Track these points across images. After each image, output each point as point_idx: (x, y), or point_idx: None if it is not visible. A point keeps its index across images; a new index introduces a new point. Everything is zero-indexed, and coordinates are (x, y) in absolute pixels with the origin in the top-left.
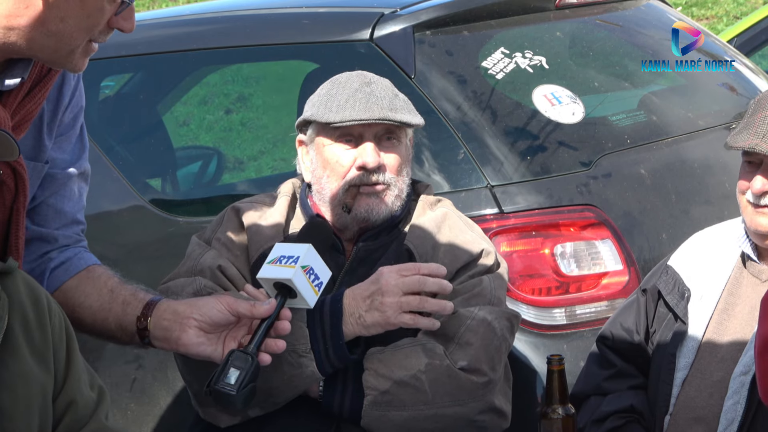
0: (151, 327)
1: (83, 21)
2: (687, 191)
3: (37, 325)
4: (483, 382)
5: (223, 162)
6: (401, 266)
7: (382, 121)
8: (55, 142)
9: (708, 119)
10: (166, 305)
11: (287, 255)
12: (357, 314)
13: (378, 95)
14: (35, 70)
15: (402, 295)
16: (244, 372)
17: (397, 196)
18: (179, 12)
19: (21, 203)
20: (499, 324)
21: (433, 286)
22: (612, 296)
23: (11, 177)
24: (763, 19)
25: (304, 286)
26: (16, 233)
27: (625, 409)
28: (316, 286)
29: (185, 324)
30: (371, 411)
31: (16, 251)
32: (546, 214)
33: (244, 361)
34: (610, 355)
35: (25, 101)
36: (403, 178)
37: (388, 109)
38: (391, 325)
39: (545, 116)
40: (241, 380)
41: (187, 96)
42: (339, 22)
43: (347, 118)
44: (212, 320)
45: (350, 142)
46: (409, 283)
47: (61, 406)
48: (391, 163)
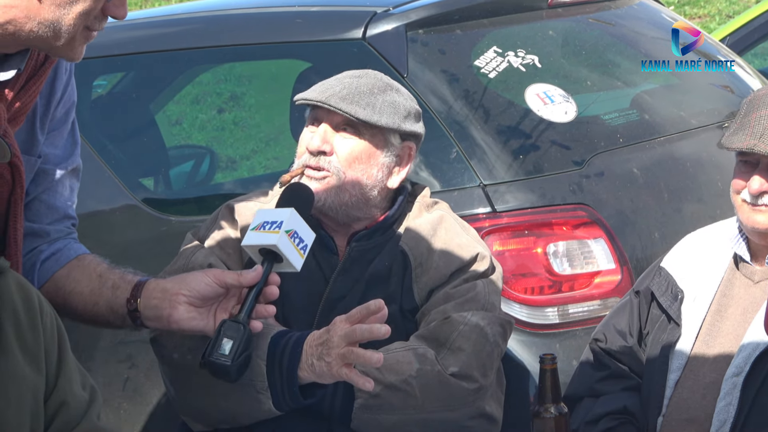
0: (141, 308)
1: (78, 6)
2: (679, 190)
3: (29, 325)
4: (474, 388)
5: (215, 161)
6: (351, 313)
7: (322, 104)
8: (48, 137)
9: (700, 118)
10: (154, 284)
11: (270, 220)
12: (310, 361)
13: (346, 84)
14: (30, 63)
15: (345, 347)
16: (237, 341)
17: (340, 187)
18: (171, 11)
19: (18, 196)
20: (491, 330)
21: (378, 332)
22: (605, 295)
23: (8, 170)
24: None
25: (289, 250)
26: (14, 226)
27: (618, 410)
28: (302, 249)
29: (174, 301)
30: (361, 414)
31: (14, 244)
32: (538, 213)
33: (236, 330)
34: (604, 356)
35: (21, 94)
36: (355, 172)
37: (340, 98)
38: (336, 377)
39: (538, 115)
40: (235, 350)
41: (179, 95)
42: (331, 21)
43: (301, 97)
44: (201, 294)
45: (315, 126)
46: (358, 332)
47: (52, 407)
48: (342, 152)
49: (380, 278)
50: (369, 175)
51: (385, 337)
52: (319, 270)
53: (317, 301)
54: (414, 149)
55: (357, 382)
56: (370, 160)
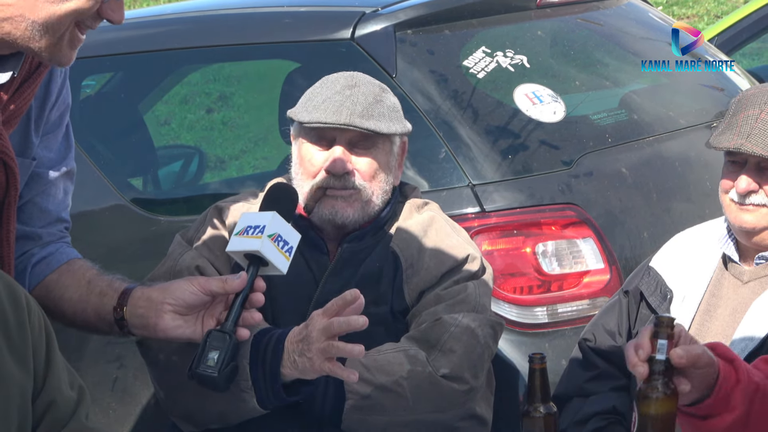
0: (128, 316)
1: (72, 3)
2: (668, 189)
3: (16, 325)
4: (464, 390)
5: (204, 161)
6: (327, 306)
7: (348, 126)
8: (42, 140)
9: (689, 118)
10: (140, 293)
11: (254, 225)
12: (292, 358)
13: (355, 99)
14: (25, 66)
15: (325, 341)
16: (224, 352)
17: (367, 201)
18: (160, 11)
19: (12, 198)
20: (482, 332)
21: (355, 323)
22: (593, 295)
23: (2, 171)
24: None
25: (273, 254)
26: (7, 228)
27: (607, 410)
28: (287, 252)
29: (160, 310)
30: (352, 415)
31: (7, 245)
32: (527, 213)
33: (222, 340)
34: (593, 356)
35: (15, 97)
36: (378, 183)
37: (359, 116)
38: (319, 372)
39: (526, 115)
40: (221, 360)
41: (168, 95)
42: (320, 21)
43: (315, 120)
44: (186, 302)
45: (324, 145)
46: (336, 325)
47: (41, 407)
48: (363, 169)
49: (371, 279)
50: (387, 182)
51: (363, 327)
52: (309, 271)
53: (307, 303)
54: (407, 143)
55: (341, 375)
56: (385, 169)
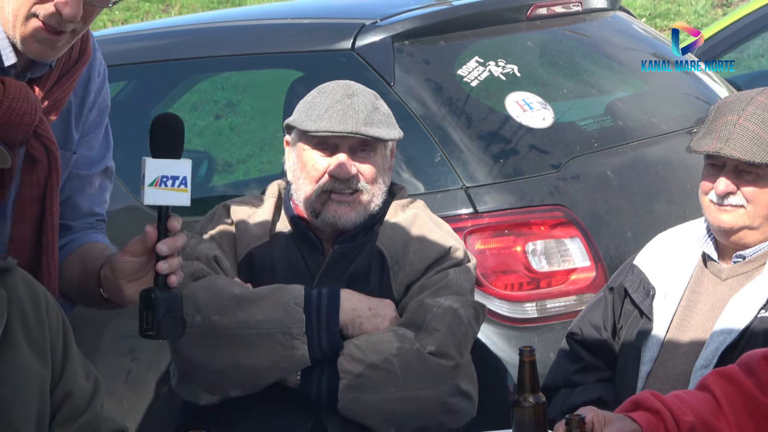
0: (107, 296)
1: None
2: (651, 191)
3: (35, 321)
4: (451, 365)
5: (213, 165)
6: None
7: (355, 134)
8: (84, 140)
9: (670, 124)
10: (103, 273)
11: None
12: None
13: (356, 108)
14: (62, 61)
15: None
16: (153, 309)
17: (368, 203)
18: (171, 23)
19: (54, 181)
20: (465, 312)
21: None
22: (580, 291)
23: (44, 155)
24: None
25: (164, 197)
26: (50, 209)
27: (593, 400)
28: (181, 185)
29: (118, 285)
30: (346, 394)
31: (51, 227)
32: (518, 214)
33: (146, 299)
34: (579, 349)
35: (54, 89)
36: (379, 186)
37: (363, 123)
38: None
39: (517, 121)
40: (152, 318)
41: (178, 102)
42: (322, 32)
43: (322, 129)
44: (129, 271)
45: (326, 151)
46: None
47: (58, 397)
48: (366, 173)
49: (360, 278)
50: (385, 183)
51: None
52: (307, 269)
53: None
54: (395, 146)
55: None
56: (382, 172)
